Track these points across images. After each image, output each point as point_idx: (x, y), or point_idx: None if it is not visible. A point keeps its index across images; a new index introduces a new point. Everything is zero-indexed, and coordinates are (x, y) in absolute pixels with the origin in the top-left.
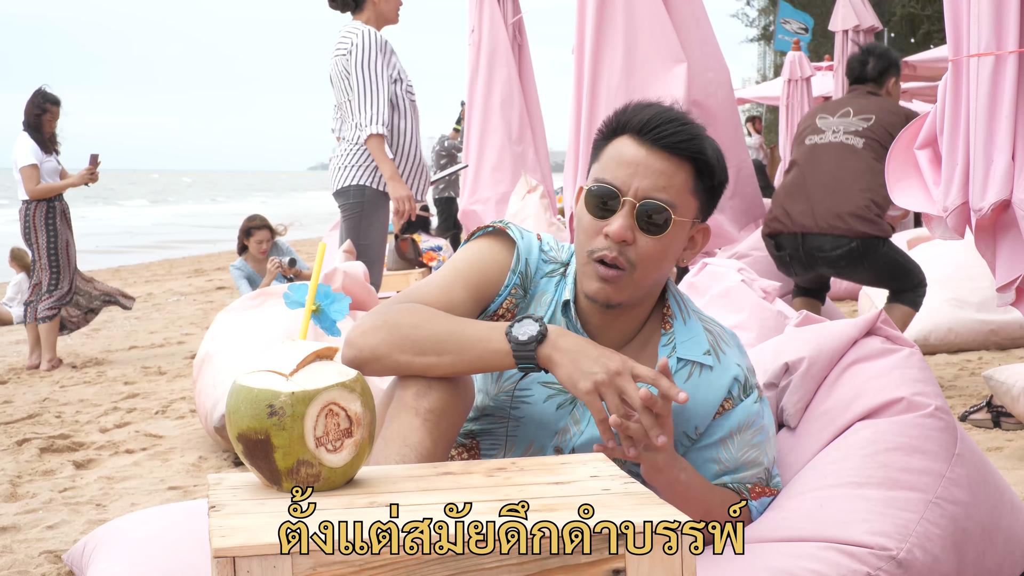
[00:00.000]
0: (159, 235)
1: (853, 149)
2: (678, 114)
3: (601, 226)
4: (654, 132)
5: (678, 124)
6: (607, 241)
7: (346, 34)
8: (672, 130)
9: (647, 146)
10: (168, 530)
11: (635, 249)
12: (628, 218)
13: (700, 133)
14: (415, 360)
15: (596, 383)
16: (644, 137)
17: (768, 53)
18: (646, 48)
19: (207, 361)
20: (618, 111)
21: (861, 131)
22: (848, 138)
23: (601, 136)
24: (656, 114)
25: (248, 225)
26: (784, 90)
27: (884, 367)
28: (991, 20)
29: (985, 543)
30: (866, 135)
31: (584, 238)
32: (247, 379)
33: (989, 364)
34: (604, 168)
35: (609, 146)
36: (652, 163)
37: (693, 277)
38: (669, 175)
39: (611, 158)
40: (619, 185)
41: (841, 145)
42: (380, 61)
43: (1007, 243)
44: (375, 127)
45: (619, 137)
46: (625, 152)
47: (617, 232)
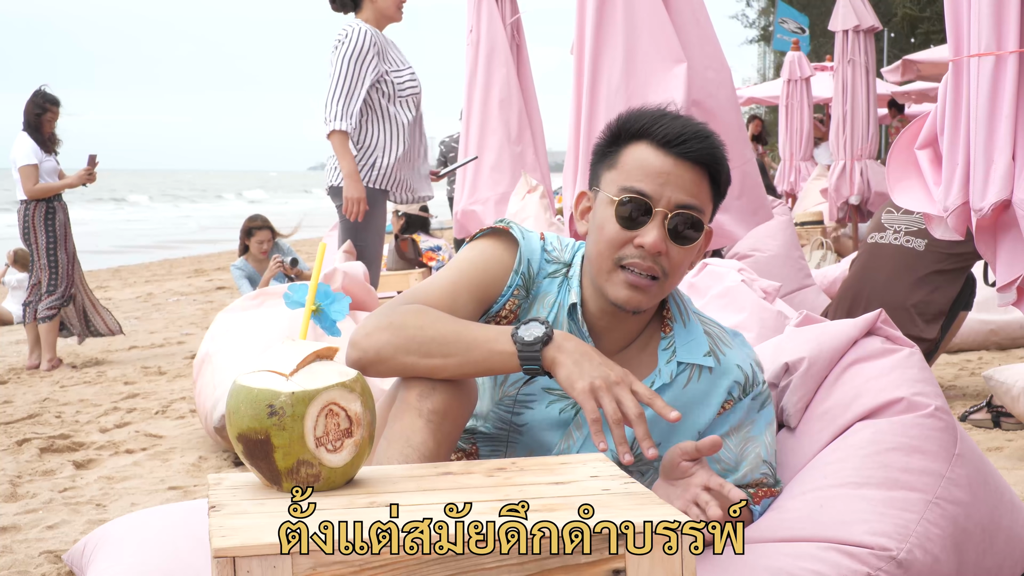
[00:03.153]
0: (159, 235)
1: (913, 253)
2: (700, 126)
3: (631, 236)
4: (683, 146)
5: (703, 137)
6: (638, 251)
7: (339, 31)
8: (699, 144)
9: (674, 157)
10: (168, 530)
11: (667, 259)
12: (661, 228)
13: (720, 144)
14: (420, 362)
15: (593, 385)
16: (671, 149)
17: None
18: (646, 48)
19: (207, 361)
20: (630, 117)
21: (923, 230)
22: (909, 240)
23: (611, 141)
24: (682, 127)
25: (249, 225)
26: (784, 90)
27: (884, 367)
28: (991, 20)
29: (985, 543)
30: (930, 235)
31: (607, 247)
32: (247, 379)
33: (989, 364)
34: (628, 176)
35: (626, 152)
36: (682, 174)
37: (693, 277)
38: (696, 184)
39: (635, 167)
40: (651, 194)
41: (900, 249)
42: (359, 60)
43: (1007, 243)
44: (338, 123)
45: (636, 144)
46: (651, 161)
47: (654, 244)
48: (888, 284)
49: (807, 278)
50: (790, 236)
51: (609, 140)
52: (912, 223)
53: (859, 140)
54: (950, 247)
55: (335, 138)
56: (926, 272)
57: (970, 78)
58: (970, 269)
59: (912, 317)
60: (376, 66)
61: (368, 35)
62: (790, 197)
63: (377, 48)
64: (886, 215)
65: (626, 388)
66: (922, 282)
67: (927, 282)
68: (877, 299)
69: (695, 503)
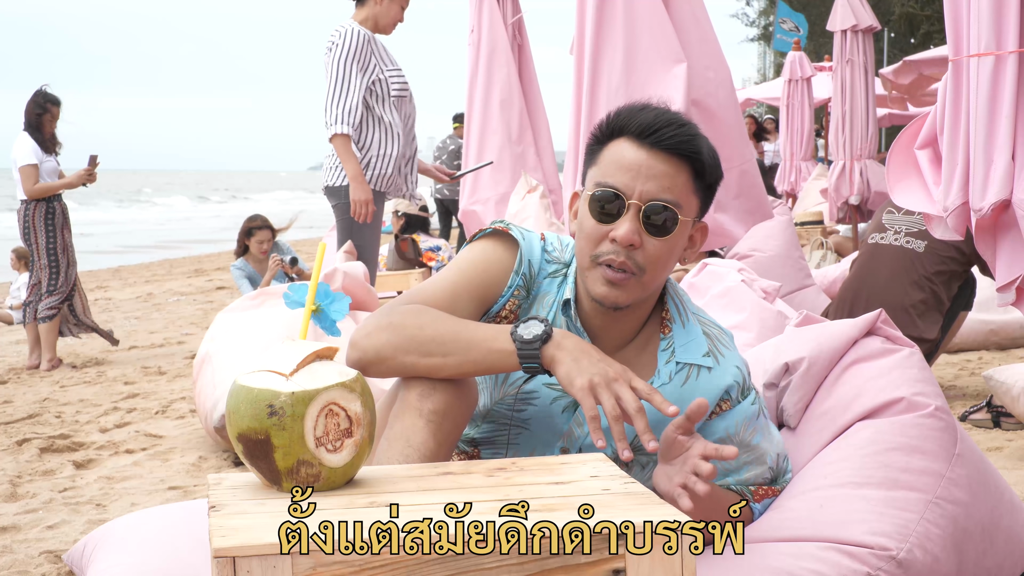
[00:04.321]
0: (159, 235)
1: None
2: (675, 115)
3: (606, 231)
4: (655, 135)
5: (677, 126)
6: (613, 245)
7: (333, 32)
8: (672, 132)
9: (647, 148)
10: (168, 530)
11: (643, 252)
12: (634, 221)
13: (698, 133)
14: (420, 361)
15: (592, 382)
16: (644, 140)
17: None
18: (646, 48)
19: (206, 361)
20: (611, 115)
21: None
22: (909, 240)
23: (595, 140)
24: (655, 117)
25: (249, 225)
26: (784, 90)
27: (884, 367)
28: (991, 20)
29: (985, 543)
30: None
31: (586, 243)
32: (247, 379)
33: (989, 364)
34: (604, 172)
35: (606, 150)
36: (655, 165)
37: (693, 277)
38: (672, 176)
39: (611, 162)
40: (623, 188)
41: (900, 249)
42: (355, 61)
43: (1007, 243)
44: (339, 127)
45: (616, 140)
46: (626, 155)
47: (625, 236)
48: (888, 284)
49: (807, 278)
50: (790, 236)
51: (595, 139)
52: (912, 224)
53: (859, 140)
54: (949, 249)
55: (337, 141)
56: (926, 273)
57: (970, 78)
58: (969, 270)
59: (912, 318)
60: (369, 66)
61: (360, 35)
62: (790, 197)
63: (370, 48)
64: (887, 215)
65: (625, 384)
66: (922, 283)
67: (927, 283)
68: (877, 299)
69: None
